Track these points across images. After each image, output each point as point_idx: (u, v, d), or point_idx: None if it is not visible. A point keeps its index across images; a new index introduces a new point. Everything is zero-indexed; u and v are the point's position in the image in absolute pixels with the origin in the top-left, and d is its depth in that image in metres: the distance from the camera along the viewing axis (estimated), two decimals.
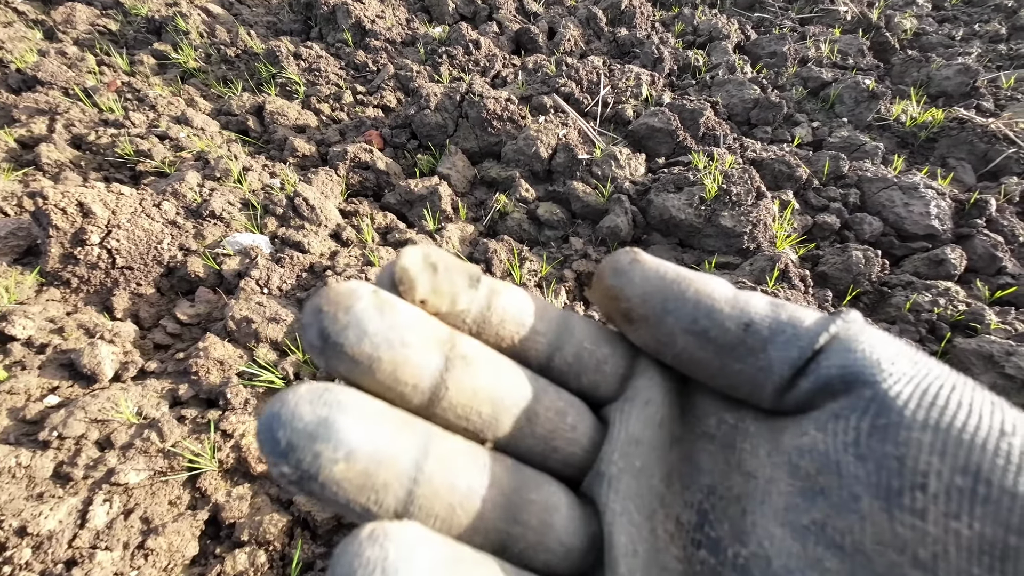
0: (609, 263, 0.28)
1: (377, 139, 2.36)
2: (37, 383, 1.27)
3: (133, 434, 1.20)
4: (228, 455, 1.22)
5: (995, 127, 2.46)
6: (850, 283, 1.82)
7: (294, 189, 1.89)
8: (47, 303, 1.50)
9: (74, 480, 1.11)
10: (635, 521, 0.23)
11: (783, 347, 0.23)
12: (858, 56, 3.35)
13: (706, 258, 1.88)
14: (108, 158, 1.99)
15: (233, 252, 1.70)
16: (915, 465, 0.17)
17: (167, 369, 1.40)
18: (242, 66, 2.76)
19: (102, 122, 2.15)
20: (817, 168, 2.31)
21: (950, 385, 0.20)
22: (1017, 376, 1.42)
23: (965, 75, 2.95)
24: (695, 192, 1.94)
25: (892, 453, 0.17)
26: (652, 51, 3.13)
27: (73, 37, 2.71)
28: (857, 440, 0.18)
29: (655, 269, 0.26)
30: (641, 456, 0.25)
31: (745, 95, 2.77)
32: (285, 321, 1.50)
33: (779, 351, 0.23)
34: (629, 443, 0.25)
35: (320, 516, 1.17)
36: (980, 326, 1.63)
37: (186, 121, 2.23)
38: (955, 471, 0.16)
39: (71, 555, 1.00)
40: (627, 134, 2.50)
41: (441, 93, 2.36)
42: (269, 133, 2.35)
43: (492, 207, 2.07)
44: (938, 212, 2.01)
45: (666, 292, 0.25)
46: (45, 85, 2.29)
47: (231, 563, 1.06)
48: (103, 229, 1.54)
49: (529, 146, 2.18)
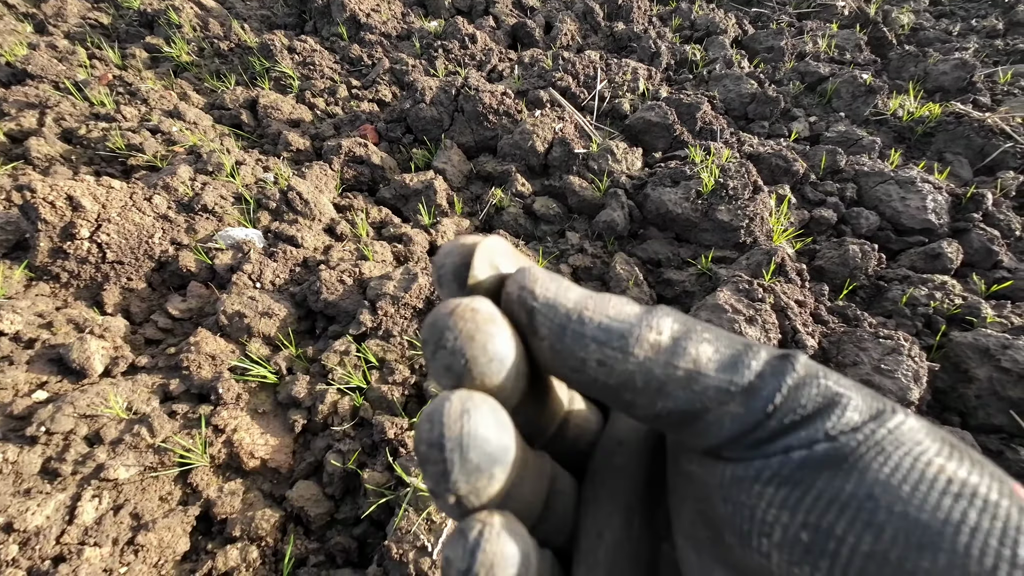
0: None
1: (372, 133, 2.34)
2: (25, 378, 1.25)
3: (123, 429, 1.18)
4: (220, 450, 1.20)
5: (992, 122, 2.46)
6: (847, 277, 1.81)
7: (288, 183, 1.87)
8: (36, 298, 1.48)
9: (62, 476, 1.09)
10: (604, 510, 0.25)
11: (720, 426, 0.20)
12: (855, 51, 3.35)
13: (703, 252, 1.87)
14: (99, 152, 1.97)
15: (225, 246, 1.68)
16: (763, 516, 0.18)
17: (158, 364, 1.39)
18: (235, 60, 2.73)
19: (93, 116, 2.13)
20: (814, 162, 2.30)
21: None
22: (1013, 369, 1.42)
23: (962, 70, 2.95)
24: (692, 186, 1.93)
25: (746, 503, 0.19)
26: (649, 45, 3.12)
27: (64, 30, 2.67)
28: (721, 483, 0.20)
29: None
30: (623, 455, 0.28)
31: (742, 90, 2.76)
32: (278, 315, 1.49)
33: (716, 428, 0.21)
34: (613, 443, 0.28)
35: (314, 511, 1.15)
36: (976, 320, 1.62)
37: (178, 115, 2.21)
38: (801, 526, 0.17)
39: (59, 551, 0.99)
40: (624, 128, 2.49)
41: (437, 87, 2.34)
42: (263, 127, 2.33)
43: (488, 202, 2.05)
44: (935, 206, 2.00)
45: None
46: (35, 78, 2.26)
47: (223, 559, 1.05)
48: (93, 223, 1.52)
49: (525, 140, 2.17)
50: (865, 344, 1.42)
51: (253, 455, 1.21)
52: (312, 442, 1.29)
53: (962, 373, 1.50)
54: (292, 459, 1.26)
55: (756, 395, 0.20)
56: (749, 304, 1.47)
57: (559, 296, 0.21)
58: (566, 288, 0.22)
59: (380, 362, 1.43)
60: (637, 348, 0.20)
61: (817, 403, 0.20)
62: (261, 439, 1.25)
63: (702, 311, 1.49)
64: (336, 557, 1.12)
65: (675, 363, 0.20)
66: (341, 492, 1.21)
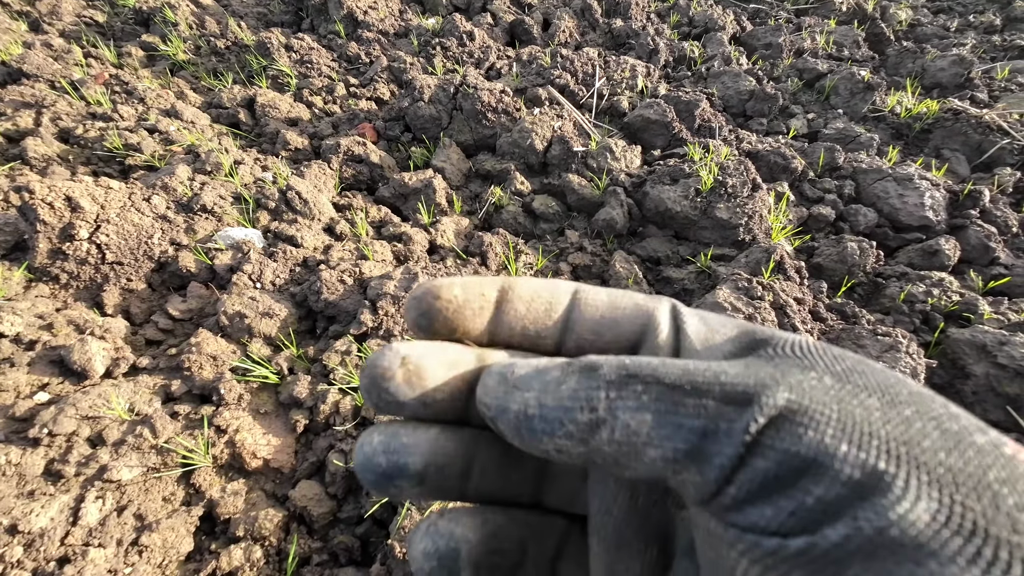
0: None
1: (370, 132, 2.34)
2: (27, 380, 1.25)
3: (125, 430, 1.18)
4: (222, 451, 1.21)
5: (989, 118, 2.47)
6: (845, 274, 1.82)
7: (287, 183, 1.87)
8: (36, 299, 1.47)
9: (66, 477, 1.09)
10: (611, 489, 0.26)
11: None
12: (853, 47, 3.35)
13: (702, 250, 1.87)
14: (96, 152, 1.96)
15: (225, 246, 1.68)
16: (734, 567, 0.17)
17: (159, 365, 1.39)
18: (232, 58, 2.72)
19: (90, 115, 2.12)
20: (812, 160, 2.30)
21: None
22: (1010, 366, 1.43)
23: (960, 66, 2.95)
24: (691, 184, 1.93)
25: (723, 561, 0.18)
26: (647, 42, 3.11)
27: (59, 29, 2.66)
28: (705, 529, 0.20)
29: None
30: None
31: (741, 87, 2.76)
32: (279, 316, 1.49)
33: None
34: None
35: (316, 511, 1.16)
36: (973, 316, 1.64)
37: (176, 114, 2.20)
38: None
39: (64, 553, 0.99)
40: (623, 126, 2.49)
41: (435, 85, 2.33)
42: (261, 126, 2.32)
43: (487, 200, 2.05)
44: (932, 203, 2.01)
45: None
46: (31, 78, 2.25)
47: (226, 559, 1.06)
48: (92, 224, 1.52)
49: (524, 138, 2.17)
50: (863, 341, 1.43)
51: (255, 455, 1.22)
52: (314, 442, 1.29)
53: (959, 370, 1.52)
54: (294, 459, 1.26)
55: (708, 463, 0.18)
56: (748, 302, 1.47)
57: (508, 401, 0.22)
58: (513, 386, 0.22)
59: None
60: (579, 434, 0.20)
61: (784, 471, 0.17)
62: (263, 439, 1.25)
63: (702, 309, 1.50)
64: (339, 556, 1.12)
65: (616, 439, 0.19)
66: (344, 491, 1.21)
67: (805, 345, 0.21)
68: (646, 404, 0.19)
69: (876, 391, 0.18)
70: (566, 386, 0.20)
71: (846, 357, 0.21)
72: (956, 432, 0.17)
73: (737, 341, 0.24)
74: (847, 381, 0.19)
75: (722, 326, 0.26)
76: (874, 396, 0.18)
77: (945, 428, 0.17)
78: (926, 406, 0.18)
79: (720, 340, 0.25)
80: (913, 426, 0.17)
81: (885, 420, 0.17)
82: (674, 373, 0.19)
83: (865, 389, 0.19)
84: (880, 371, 0.20)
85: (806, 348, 0.21)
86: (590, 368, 0.21)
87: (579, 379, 0.20)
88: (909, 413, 0.17)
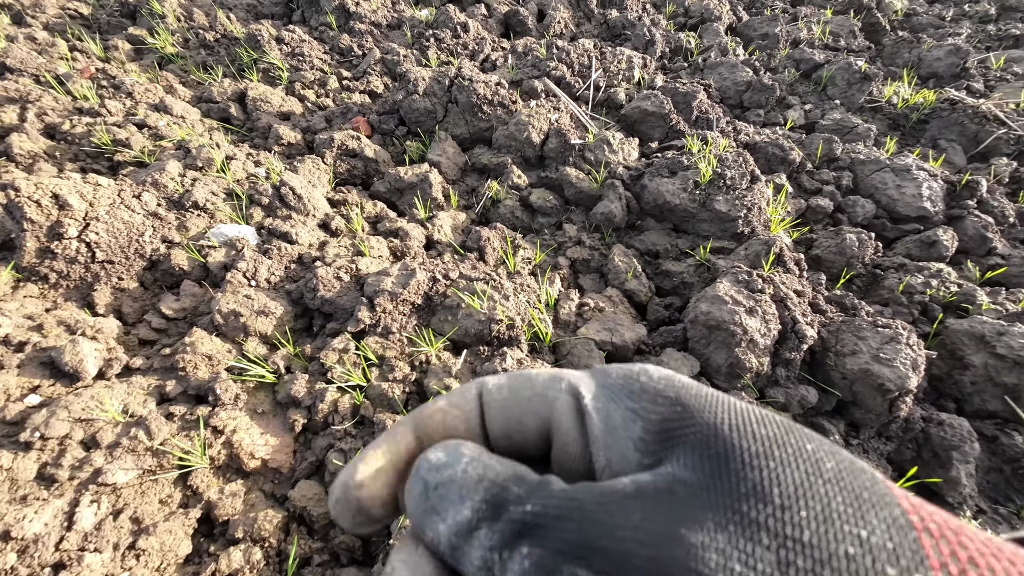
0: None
1: (364, 126, 2.30)
2: (16, 382, 1.22)
3: (119, 433, 1.16)
4: (219, 452, 1.19)
5: (985, 108, 2.47)
6: (844, 266, 1.82)
7: (280, 178, 1.84)
8: (24, 299, 1.44)
9: (59, 481, 1.07)
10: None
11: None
12: (849, 37, 3.33)
13: (701, 243, 1.86)
14: (84, 148, 1.92)
15: (218, 244, 1.65)
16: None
17: (153, 365, 1.36)
18: (222, 51, 2.67)
19: (76, 110, 2.07)
20: (810, 151, 2.29)
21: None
22: (1008, 356, 1.43)
23: (955, 56, 2.95)
24: (689, 176, 1.91)
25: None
26: (643, 33, 3.08)
27: (43, 22, 2.59)
28: None
29: None
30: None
31: (738, 77, 2.74)
32: (275, 314, 1.47)
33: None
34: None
35: (316, 511, 1.15)
36: (972, 307, 1.64)
37: (165, 109, 2.15)
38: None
39: (59, 558, 0.97)
40: (620, 118, 2.47)
41: (429, 78, 2.30)
42: (252, 120, 2.28)
43: (484, 194, 2.03)
44: (930, 194, 2.01)
45: None
46: (14, 72, 2.19)
47: (226, 561, 1.04)
48: (80, 222, 1.49)
49: (521, 131, 2.14)
50: (864, 333, 1.43)
51: (253, 456, 1.20)
52: (313, 441, 1.28)
53: (958, 360, 1.52)
54: (293, 459, 1.25)
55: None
56: (749, 295, 1.47)
57: (424, 523, 0.25)
58: (432, 506, 0.24)
59: (380, 359, 1.41)
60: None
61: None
62: (261, 439, 1.23)
63: (702, 303, 1.49)
64: (340, 556, 1.11)
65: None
66: None
67: (722, 447, 0.21)
68: (527, 570, 0.20)
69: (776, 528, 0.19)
70: (476, 537, 0.22)
71: (763, 453, 0.21)
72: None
73: (651, 430, 0.24)
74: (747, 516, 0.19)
75: (633, 400, 0.26)
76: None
77: None
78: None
79: (626, 420, 0.25)
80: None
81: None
82: (570, 532, 0.20)
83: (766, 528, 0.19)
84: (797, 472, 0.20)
85: (722, 451, 0.21)
86: (495, 518, 0.22)
87: (486, 534, 0.22)
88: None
